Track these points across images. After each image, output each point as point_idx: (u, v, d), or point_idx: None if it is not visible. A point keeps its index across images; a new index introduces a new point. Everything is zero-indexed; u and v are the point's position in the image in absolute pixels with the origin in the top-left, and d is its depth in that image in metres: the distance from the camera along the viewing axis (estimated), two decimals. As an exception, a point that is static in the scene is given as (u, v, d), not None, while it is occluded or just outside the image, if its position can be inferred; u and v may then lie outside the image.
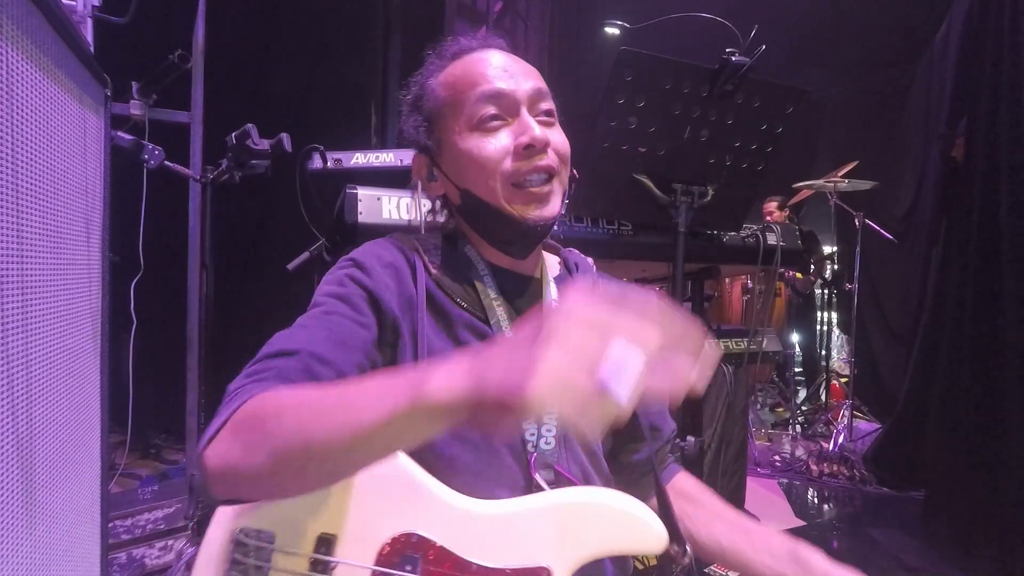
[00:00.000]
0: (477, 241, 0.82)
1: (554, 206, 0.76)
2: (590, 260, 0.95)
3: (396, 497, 0.66)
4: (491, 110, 0.73)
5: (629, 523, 0.66)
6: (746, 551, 0.76)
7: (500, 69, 0.75)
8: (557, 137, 0.77)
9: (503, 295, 0.78)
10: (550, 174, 0.75)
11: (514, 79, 0.75)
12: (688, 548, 0.72)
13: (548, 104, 0.77)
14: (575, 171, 0.83)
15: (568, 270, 0.90)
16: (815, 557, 0.71)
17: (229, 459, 0.53)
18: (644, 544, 0.66)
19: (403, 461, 0.67)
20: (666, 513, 0.75)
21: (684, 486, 0.88)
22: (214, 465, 0.53)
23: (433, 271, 0.77)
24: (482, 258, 0.80)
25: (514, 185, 0.74)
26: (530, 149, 0.73)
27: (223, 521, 0.67)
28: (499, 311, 0.76)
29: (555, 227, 0.86)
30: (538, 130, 0.73)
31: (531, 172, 0.73)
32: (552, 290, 0.83)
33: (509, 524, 0.67)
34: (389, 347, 0.72)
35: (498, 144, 0.74)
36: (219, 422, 0.55)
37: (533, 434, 0.73)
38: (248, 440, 0.52)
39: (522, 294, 0.80)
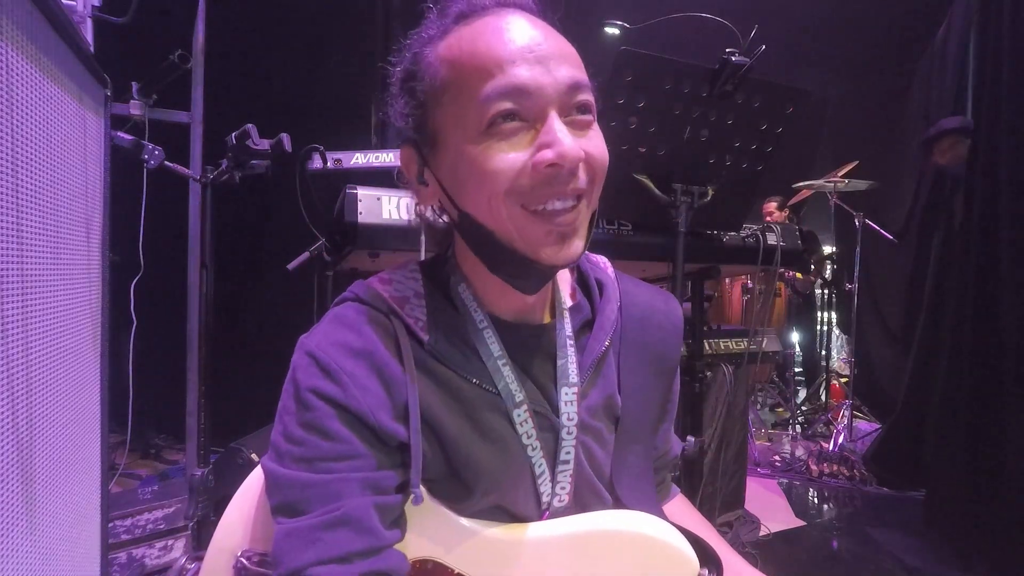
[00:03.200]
0: (475, 276, 0.63)
1: (577, 245, 0.57)
2: (610, 269, 0.77)
3: (412, 521, 0.60)
4: (507, 105, 0.53)
5: (663, 551, 0.62)
6: None
7: (525, 50, 0.53)
8: (593, 146, 0.56)
9: (507, 351, 0.62)
10: (578, 197, 0.56)
11: (543, 66, 0.53)
12: (721, 572, 0.65)
13: (586, 96, 0.56)
14: None
15: (587, 293, 0.72)
16: None
17: None
18: (676, 573, 0.62)
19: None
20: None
21: (678, 513, 0.81)
22: None
23: (424, 337, 0.59)
24: (479, 305, 0.63)
25: (528, 211, 0.54)
26: (555, 168, 0.53)
27: (224, 543, 0.63)
28: (506, 373, 0.61)
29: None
30: (569, 142, 0.52)
31: (553, 197, 0.54)
32: (567, 339, 0.66)
33: (535, 550, 0.61)
34: (399, 457, 0.58)
35: (511, 155, 0.53)
36: None
37: (549, 494, 0.64)
38: None
39: (529, 348, 0.64)
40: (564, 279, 0.71)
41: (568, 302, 0.69)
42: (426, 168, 0.61)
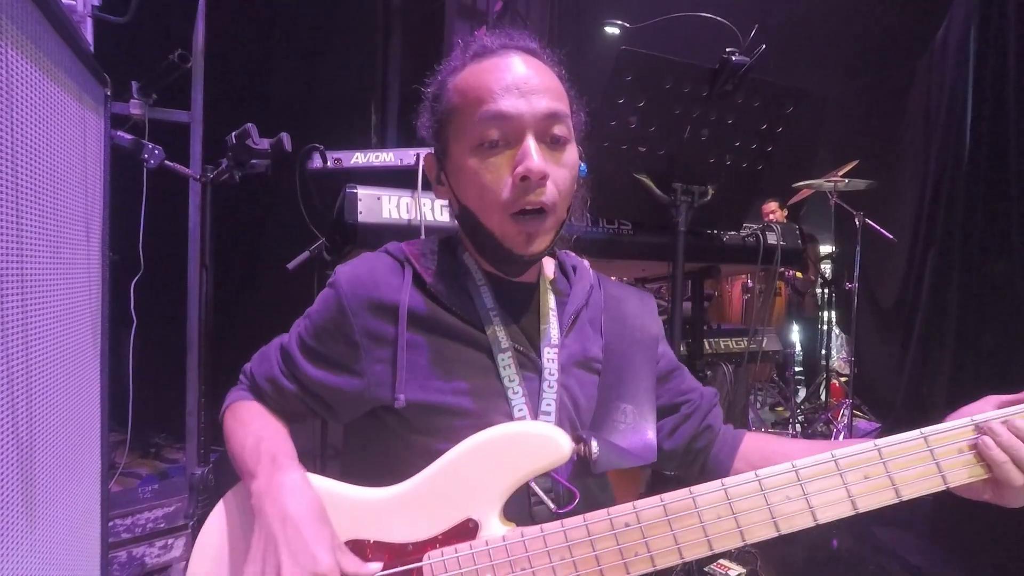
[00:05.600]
0: (474, 250, 0.81)
1: (541, 244, 0.74)
2: (586, 262, 0.94)
3: (333, 512, 0.68)
4: (493, 134, 0.70)
5: (533, 440, 0.69)
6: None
7: (512, 86, 0.70)
8: (560, 168, 0.72)
9: (499, 304, 0.78)
10: (543, 210, 0.71)
11: (525, 99, 0.70)
12: (592, 440, 0.72)
13: (561, 129, 0.72)
14: (584, 163, 0.81)
15: (564, 273, 0.89)
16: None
17: (224, 431, 0.84)
18: (552, 455, 0.68)
19: (315, 479, 0.71)
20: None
21: (754, 444, 0.87)
22: (224, 428, 0.85)
23: (428, 280, 0.77)
24: (479, 267, 0.80)
25: (510, 215, 0.71)
26: (526, 181, 0.69)
27: None
28: (495, 320, 0.76)
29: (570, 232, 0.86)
30: (536, 159, 0.68)
31: (526, 204, 0.70)
32: (551, 298, 0.82)
33: (426, 494, 0.69)
34: (361, 368, 0.75)
35: (497, 173, 0.71)
36: (228, 401, 0.87)
37: None
38: (227, 432, 0.83)
39: (519, 301, 0.80)
40: (548, 264, 0.88)
41: (550, 276, 0.86)
42: (442, 172, 0.80)
